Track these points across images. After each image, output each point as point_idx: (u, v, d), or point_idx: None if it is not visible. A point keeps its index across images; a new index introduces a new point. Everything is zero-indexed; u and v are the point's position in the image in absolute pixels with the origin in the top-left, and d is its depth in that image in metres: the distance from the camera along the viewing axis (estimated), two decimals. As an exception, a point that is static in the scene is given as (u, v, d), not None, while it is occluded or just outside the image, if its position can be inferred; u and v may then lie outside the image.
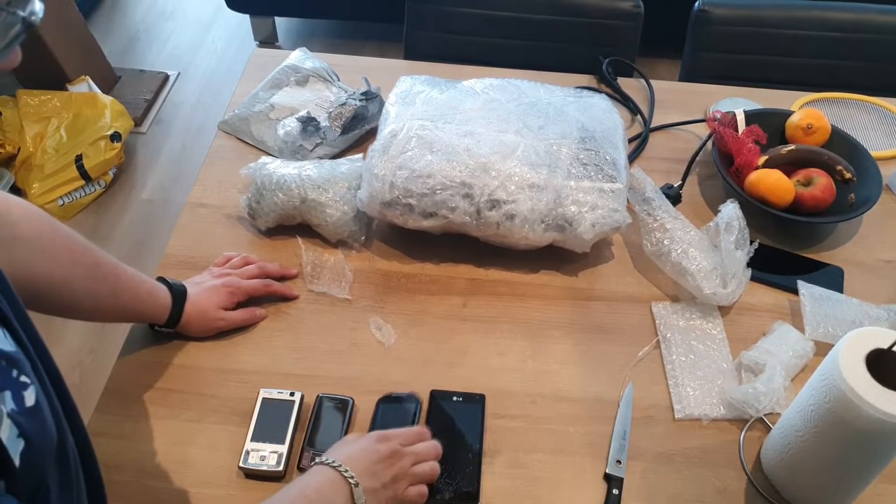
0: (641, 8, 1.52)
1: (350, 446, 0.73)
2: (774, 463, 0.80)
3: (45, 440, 0.52)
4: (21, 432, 0.49)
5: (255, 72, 1.30)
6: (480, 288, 1.00)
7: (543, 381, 0.90)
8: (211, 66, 2.80)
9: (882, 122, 1.31)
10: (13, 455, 0.48)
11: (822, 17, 1.49)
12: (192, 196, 1.09)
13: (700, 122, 1.26)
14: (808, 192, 1.07)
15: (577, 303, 0.99)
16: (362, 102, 1.16)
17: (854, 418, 0.66)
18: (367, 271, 1.01)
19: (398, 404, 0.85)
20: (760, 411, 0.85)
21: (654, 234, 0.99)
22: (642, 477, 0.82)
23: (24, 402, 0.51)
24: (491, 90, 1.07)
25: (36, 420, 0.52)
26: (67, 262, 0.77)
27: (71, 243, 0.78)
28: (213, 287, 0.91)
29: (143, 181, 2.35)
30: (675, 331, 0.95)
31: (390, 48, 1.64)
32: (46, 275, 0.74)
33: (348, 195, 1.00)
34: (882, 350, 0.68)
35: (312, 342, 0.92)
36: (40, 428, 0.52)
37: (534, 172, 0.95)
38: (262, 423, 0.82)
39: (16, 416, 0.49)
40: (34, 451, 0.50)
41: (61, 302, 0.77)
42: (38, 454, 0.51)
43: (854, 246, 1.08)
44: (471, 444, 0.82)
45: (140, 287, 0.84)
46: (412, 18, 1.57)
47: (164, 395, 0.86)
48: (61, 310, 0.79)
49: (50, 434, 0.54)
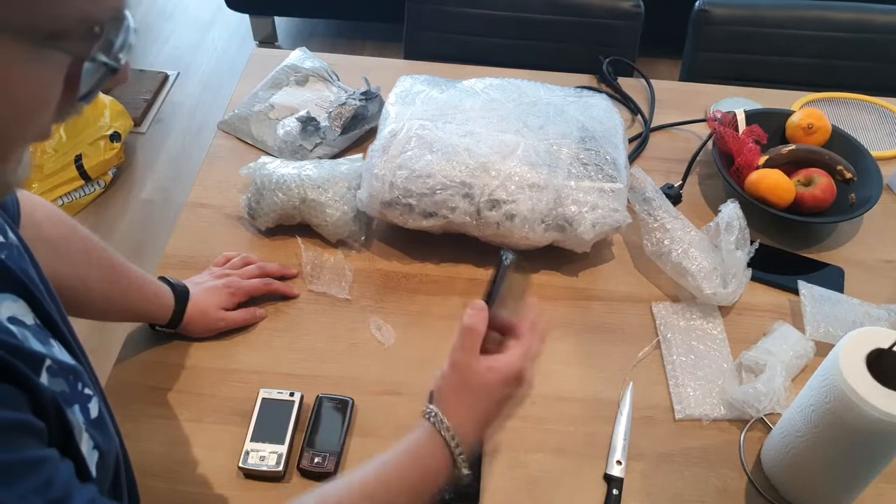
0: (641, 8, 1.52)
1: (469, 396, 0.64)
2: (775, 463, 0.80)
3: (110, 450, 0.54)
4: (95, 444, 0.51)
5: (254, 72, 1.30)
6: (480, 288, 0.99)
7: (543, 381, 0.90)
8: (211, 66, 2.80)
9: (882, 122, 1.31)
10: (91, 466, 0.50)
11: (822, 17, 1.49)
12: (192, 196, 1.09)
13: (700, 122, 1.26)
14: (808, 192, 1.06)
15: (577, 303, 0.99)
16: (362, 102, 1.16)
17: (854, 418, 0.66)
18: (367, 271, 1.01)
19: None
20: (761, 411, 0.85)
21: (655, 234, 0.99)
22: (642, 477, 0.81)
23: (90, 414, 0.52)
24: (491, 90, 1.07)
25: (102, 431, 0.54)
26: (84, 263, 0.78)
27: (88, 245, 0.79)
28: (214, 287, 0.91)
29: (142, 181, 2.35)
30: (675, 331, 0.95)
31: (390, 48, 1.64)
32: (64, 275, 0.74)
33: (348, 195, 1.00)
34: (882, 350, 0.68)
35: (312, 342, 0.92)
36: (107, 439, 0.54)
37: (534, 172, 0.95)
38: (262, 424, 0.82)
39: (88, 429, 0.51)
40: (104, 461, 0.52)
41: (75, 302, 0.78)
42: (107, 464, 0.53)
43: (854, 246, 1.08)
44: None
45: (148, 288, 0.85)
46: (412, 18, 1.57)
47: (164, 395, 0.86)
48: (73, 309, 0.79)
49: (114, 444, 0.56)
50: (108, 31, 0.40)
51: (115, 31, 0.41)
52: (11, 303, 0.49)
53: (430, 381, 0.87)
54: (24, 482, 0.41)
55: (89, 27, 0.39)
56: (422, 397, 0.86)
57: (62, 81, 0.40)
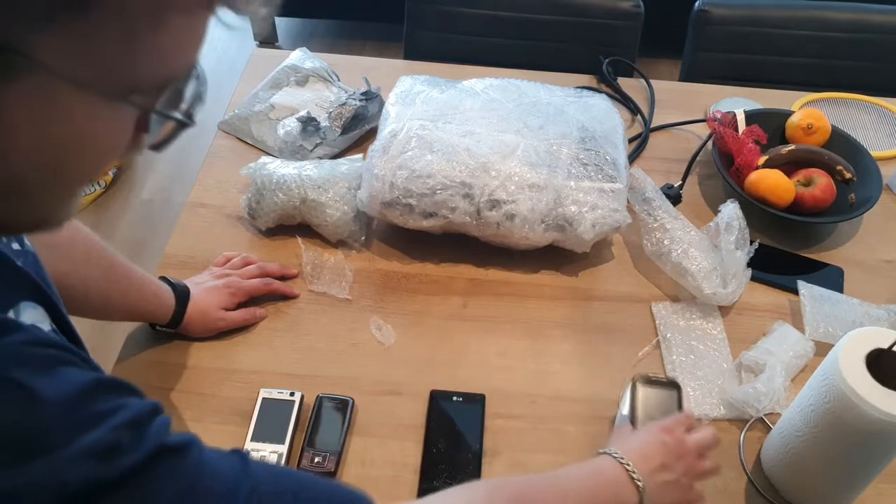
0: (641, 8, 1.52)
1: (633, 438, 0.72)
2: (774, 463, 0.80)
3: None
4: None
5: (254, 72, 1.30)
6: (480, 288, 1.00)
7: (543, 381, 0.90)
8: (211, 66, 2.79)
9: (882, 122, 1.31)
10: None
11: (822, 17, 1.49)
12: (192, 196, 1.09)
13: (700, 122, 1.26)
14: (808, 192, 1.07)
15: (577, 303, 0.99)
16: (362, 102, 1.16)
17: (854, 418, 0.66)
18: (367, 271, 1.01)
19: (659, 388, 0.79)
20: (760, 411, 0.85)
21: (655, 234, 0.99)
22: (642, 477, 0.81)
23: None
24: (491, 90, 1.07)
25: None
26: (84, 262, 0.78)
27: (89, 245, 0.79)
28: (215, 287, 0.91)
29: (142, 181, 2.35)
30: (675, 331, 0.95)
31: (390, 48, 1.64)
32: (64, 274, 0.74)
33: (348, 195, 1.00)
34: (882, 350, 0.68)
35: (312, 342, 0.92)
36: None
37: (534, 172, 0.95)
38: (262, 423, 0.82)
39: None
40: None
41: (73, 301, 0.77)
42: None
43: (854, 246, 1.08)
44: (471, 444, 0.82)
45: (148, 288, 0.85)
46: (412, 18, 1.57)
47: (164, 395, 0.86)
48: (73, 309, 0.79)
49: None
50: (181, 86, 0.43)
51: (185, 84, 0.44)
52: (32, 310, 0.50)
53: (430, 380, 0.88)
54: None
55: (165, 84, 0.42)
56: (422, 397, 0.87)
57: (133, 129, 0.43)
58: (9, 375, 0.40)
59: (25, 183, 0.41)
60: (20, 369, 0.41)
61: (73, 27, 0.35)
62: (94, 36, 0.36)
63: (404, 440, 0.83)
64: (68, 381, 0.43)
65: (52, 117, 0.38)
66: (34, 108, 0.37)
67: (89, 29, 0.36)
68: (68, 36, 0.35)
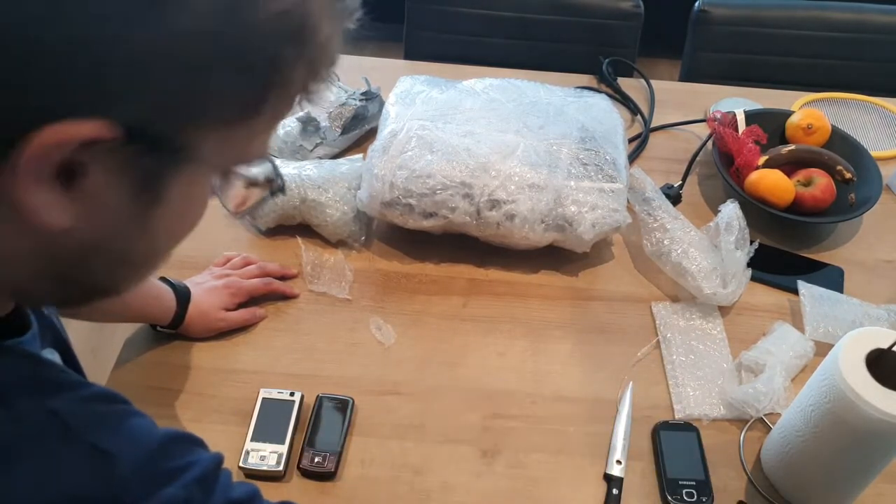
0: (641, 8, 1.52)
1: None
2: (774, 463, 0.80)
3: None
4: None
5: (255, 72, 1.29)
6: (480, 288, 1.00)
7: (543, 381, 0.90)
8: (211, 66, 2.80)
9: (882, 122, 1.31)
10: None
11: (822, 17, 1.50)
12: (192, 196, 1.09)
13: (700, 122, 1.26)
14: (808, 192, 1.07)
15: (577, 303, 0.99)
16: (362, 102, 1.16)
17: (854, 418, 0.66)
18: (367, 271, 1.01)
19: (676, 431, 0.84)
20: (760, 411, 0.85)
21: (655, 234, 0.99)
22: (642, 477, 0.81)
23: None
24: (491, 90, 1.07)
25: None
26: None
27: None
28: (215, 288, 0.91)
29: (143, 181, 2.34)
30: (675, 331, 0.95)
31: (390, 48, 1.65)
32: None
33: (348, 195, 1.00)
34: (882, 350, 0.68)
35: (312, 342, 0.92)
36: None
37: (534, 172, 0.95)
38: (262, 423, 0.82)
39: None
40: None
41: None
42: None
43: (854, 246, 1.08)
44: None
45: (148, 291, 0.85)
46: (412, 18, 1.57)
47: (164, 395, 0.86)
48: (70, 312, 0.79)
49: None
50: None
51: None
52: (50, 356, 0.52)
53: (430, 380, 0.88)
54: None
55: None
56: (422, 397, 0.87)
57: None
58: (86, 440, 0.42)
59: (149, 254, 0.44)
60: (95, 433, 0.43)
61: (233, 128, 0.38)
62: (240, 131, 0.39)
63: (404, 440, 0.83)
64: (141, 436, 0.45)
65: (195, 196, 0.43)
66: (186, 191, 0.40)
67: (242, 128, 0.39)
68: (224, 132, 0.38)
